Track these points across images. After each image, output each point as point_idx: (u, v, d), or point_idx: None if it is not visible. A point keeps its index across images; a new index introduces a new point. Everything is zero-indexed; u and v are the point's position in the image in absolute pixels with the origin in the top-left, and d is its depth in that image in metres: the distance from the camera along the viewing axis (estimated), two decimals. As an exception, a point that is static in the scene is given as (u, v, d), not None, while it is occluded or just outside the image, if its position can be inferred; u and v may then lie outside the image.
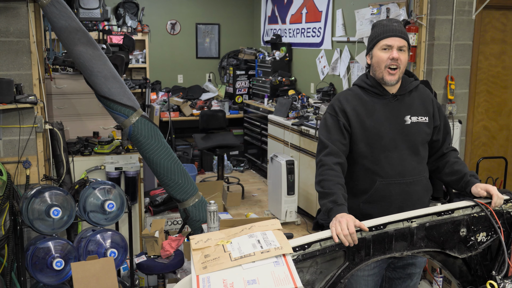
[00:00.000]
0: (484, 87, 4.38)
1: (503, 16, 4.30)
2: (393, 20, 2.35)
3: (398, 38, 2.28)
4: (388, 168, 2.30)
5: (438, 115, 2.43)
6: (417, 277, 2.51)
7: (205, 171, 7.40)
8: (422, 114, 2.37)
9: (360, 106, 2.33)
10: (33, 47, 3.42)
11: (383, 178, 2.30)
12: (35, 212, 3.05)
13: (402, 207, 2.29)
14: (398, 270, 2.47)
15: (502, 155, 4.43)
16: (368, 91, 2.37)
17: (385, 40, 2.28)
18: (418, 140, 2.35)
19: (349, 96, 2.38)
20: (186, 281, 1.67)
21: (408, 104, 2.36)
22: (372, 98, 2.35)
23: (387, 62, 2.28)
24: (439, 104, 2.48)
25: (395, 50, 2.27)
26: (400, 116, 2.34)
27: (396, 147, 2.31)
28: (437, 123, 2.41)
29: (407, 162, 2.32)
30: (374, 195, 2.31)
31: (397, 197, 2.31)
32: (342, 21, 5.75)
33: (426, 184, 2.41)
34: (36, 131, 3.47)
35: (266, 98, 7.00)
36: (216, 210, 2.45)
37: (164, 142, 3.39)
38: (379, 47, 2.30)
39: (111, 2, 7.20)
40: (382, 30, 2.31)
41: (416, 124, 2.34)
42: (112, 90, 3.26)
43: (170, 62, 8.05)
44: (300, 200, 5.47)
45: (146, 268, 3.50)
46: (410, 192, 2.33)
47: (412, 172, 2.33)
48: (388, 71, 2.28)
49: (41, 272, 3.08)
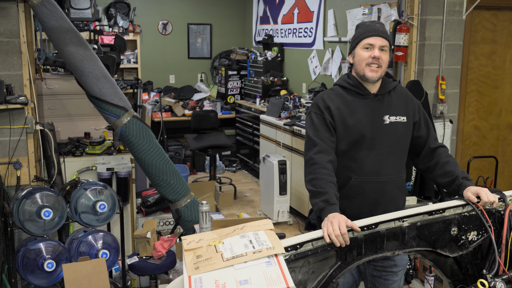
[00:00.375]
0: (474, 87, 4.41)
1: (493, 16, 4.33)
2: (375, 22, 2.41)
3: (380, 38, 2.33)
4: (364, 166, 2.35)
5: (416, 111, 2.47)
6: (400, 276, 2.54)
7: (197, 171, 7.38)
8: (400, 114, 2.41)
9: (342, 105, 2.37)
10: (24, 47, 3.39)
11: (358, 176, 2.36)
12: (26, 213, 3.03)
13: (375, 204, 2.37)
14: (379, 268, 2.51)
15: (492, 154, 4.46)
16: (350, 90, 2.41)
17: (367, 39, 2.34)
18: (396, 140, 2.40)
19: (332, 95, 2.42)
20: (178, 282, 1.67)
21: (388, 104, 2.41)
22: (353, 98, 2.39)
23: (368, 60, 2.33)
24: (418, 102, 2.52)
25: (376, 49, 2.32)
26: (380, 115, 2.38)
27: (375, 147, 2.36)
28: (416, 119, 2.45)
29: (384, 161, 2.37)
30: (349, 191, 2.37)
31: (370, 195, 2.37)
32: (333, 21, 5.76)
33: (402, 184, 2.46)
34: (26, 132, 3.44)
35: (258, 98, 7.00)
36: (208, 211, 2.45)
37: (156, 143, 3.38)
38: (361, 46, 2.35)
39: (102, 2, 7.17)
40: (365, 30, 2.36)
41: (394, 124, 2.39)
42: (103, 91, 3.25)
43: (161, 62, 8.03)
44: (292, 200, 5.48)
45: (138, 269, 3.49)
46: (384, 191, 2.38)
47: (388, 171, 2.38)
48: (369, 68, 2.33)
49: (32, 274, 3.06)
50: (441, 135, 4.25)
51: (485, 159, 4.46)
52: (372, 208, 2.37)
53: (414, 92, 3.89)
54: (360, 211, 2.35)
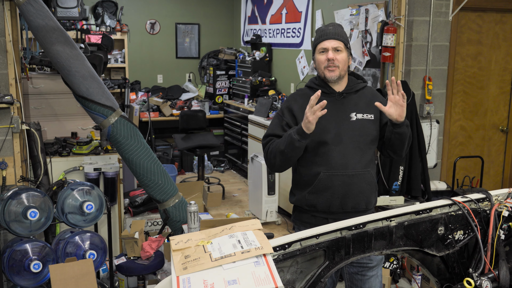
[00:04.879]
0: (460, 88, 4.45)
1: (479, 18, 4.38)
2: (329, 25, 2.57)
3: (332, 40, 2.49)
4: (331, 160, 2.48)
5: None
6: (376, 271, 2.61)
7: (185, 171, 7.36)
8: (368, 112, 2.55)
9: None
10: (9, 46, 3.36)
11: (326, 170, 2.48)
12: (12, 214, 2.99)
13: (344, 198, 2.49)
14: (355, 264, 2.59)
15: (478, 154, 4.51)
16: (316, 90, 2.53)
17: (321, 44, 2.52)
18: (363, 136, 2.52)
19: (297, 96, 2.63)
20: (166, 282, 1.66)
21: (354, 102, 2.55)
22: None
23: (325, 63, 2.50)
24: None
25: (330, 51, 2.48)
26: (346, 112, 2.53)
27: (341, 142, 2.49)
28: (386, 119, 2.53)
29: (350, 155, 2.49)
30: (318, 185, 2.49)
31: (338, 188, 2.48)
32: (321, 22, 5.78)
33: (370, 179, 2.55)
34: (12, 132, 3.41)
35: (246, 98, 7.00)
36: (197, 211, 2.45)
37: (144, 143, 3.36)
38: (317, 51, 2.54)
39: (90, 1, 7.12)
40: (319, 35, 2.54)
41: (360, 121, 2.53)
42: (90, 90, 3.22)
43: (149, 62, 8.00)
44: (281, 200, 5.49)
45: (126, 270, 3.47)
46: (352, 184, 2.49)
47: (355, 165, 2.49)
48: (328, 69, 2.49)
49: (18, 275, 3.02)
50: (427, 136, 4.28)
51: (471, 159, 4.50)
52: (342, 202, 2.49)
53: (401, 93, 3.92)
54: (330, 204, 2.50)
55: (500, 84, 4.59)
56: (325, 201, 2.50)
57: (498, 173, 4.80)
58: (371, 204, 2.60)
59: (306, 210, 2.58)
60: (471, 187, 4.13)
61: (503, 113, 4.67)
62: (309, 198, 2.53)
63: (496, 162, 4.75)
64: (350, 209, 2.51)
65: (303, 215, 2.61)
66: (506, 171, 4.80)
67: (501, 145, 4.72)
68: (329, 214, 2.52)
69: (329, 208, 2.50)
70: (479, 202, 2.19)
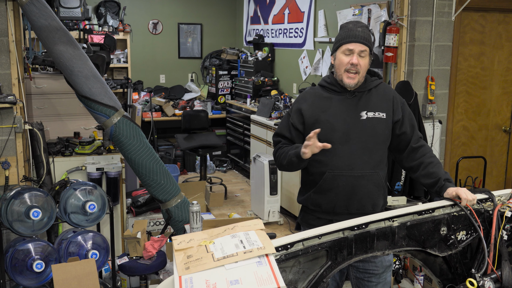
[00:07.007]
0: (463, 88, 4.45)
1: (482, 18, 4.37)
2: (358, 25, 2.45)
3: (360, 44, 2.39)
4: (337, 160, 2.41)
5: (399, 110, 2.50)
6: (384, 277, 2.53)
7: (187, 171, 7.37)
8: (380, 110, 2.46)
9: (317, 102, 2.47)
10: (12, 46, 3.37)
11: (332, 170, 2.42)
12: (15, 213, 3.00)
13: (349, 199, 2.43)
14: (362, 270, 2.52)
15: (481, 154, 4.50)
16: (327, 88, 2.50)
17: (347, 45, 2.40)
18: (373, 135, 2.44)
19: (307, 94, 2.56)
20: (168, 282, 1.66)
21: (366, 100, 2.47)
22: (330, 95, 2.48)
23: (347, 66, 2.40)
24: (403, 100, 2.56)
25: (355, 55, 2.39)
26: (356, 111, 2.44)
27: (348, 141, 2.42)
28: (399, 117, 2.48)
29: (357, 156, 2.42)
30: (323, 185, 2.44)
31: (343, 188, 2.42)
32: (324, 22, 5.78)
33: (378, 180, 2.47)
34: (15, 132, 3.41)
35: (248, 98, 7.00)
36: (199, 211, 2.45)
37: (146, 143, 3.36)
38: (341, 50, 2.43)
39: (92, 1, 7.12)
40: (346, 34, 2.42)
41: (371, 120, 2.44)
42: (93, 90, 3.23)
43: (152, 62, 8.00)
44: (283, 200, 5.48)
45: (128, 270, 3.47)
46: (358, 185, 2.42)
47: (362, 166, 2.42)
48: (347, 74, 2.40)
49: (21, 275, 3.03)
50: (430, 136, 4.28)
51: (474, 159, 4.49)
52: (347, 203, 2.43)
53: (403, 93, 3.92)
54: (334, 205, 2.44)
55: (503, 84, 4.58)
56: (329, 201, 2.45)
57: (501, 173, 4.79)
58: (379, 207, 2.49)
59: (311, 210, 2.54)
60: (474, 187, 4.12)
61: (506, 114, 4.66)
62: (314, 198, 2.49)
63: (498, 162, 4.74)
64: (355, 210, 2.43)
65: (309, 217, 2.56)
66: (509, 171, 4.79)
67: (504, 146, 4.71)
68: (334, 215, 2.45)
69: (334, 208, 2.46)
70: (482, 202, 2.19)
